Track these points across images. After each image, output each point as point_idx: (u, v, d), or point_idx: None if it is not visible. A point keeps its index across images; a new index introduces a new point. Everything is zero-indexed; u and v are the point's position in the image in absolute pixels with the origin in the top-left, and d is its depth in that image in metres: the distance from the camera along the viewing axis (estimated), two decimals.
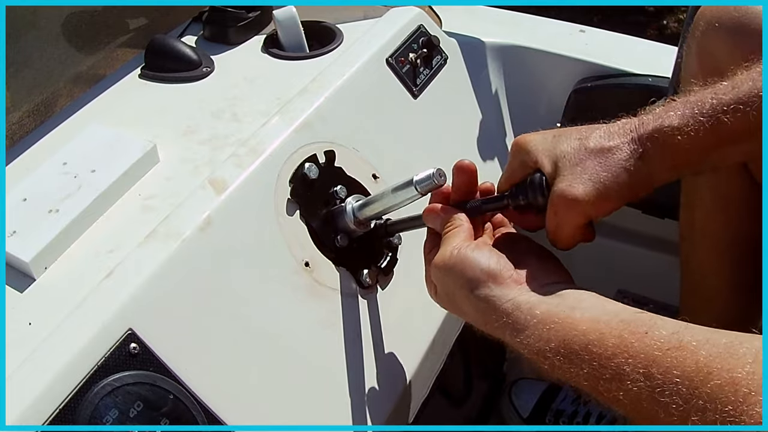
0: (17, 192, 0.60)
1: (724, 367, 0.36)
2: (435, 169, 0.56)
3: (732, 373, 0.35)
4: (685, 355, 0.38)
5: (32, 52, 0.75)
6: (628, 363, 0.40)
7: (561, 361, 0.44)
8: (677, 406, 0.37)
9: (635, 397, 0.39)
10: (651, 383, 0.38)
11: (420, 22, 0.85)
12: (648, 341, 0.40)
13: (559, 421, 1.09)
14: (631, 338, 0.41)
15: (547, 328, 0.45)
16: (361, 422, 0.61)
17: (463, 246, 0.52)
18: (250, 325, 0.57)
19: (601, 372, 0.41)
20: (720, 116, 0.49)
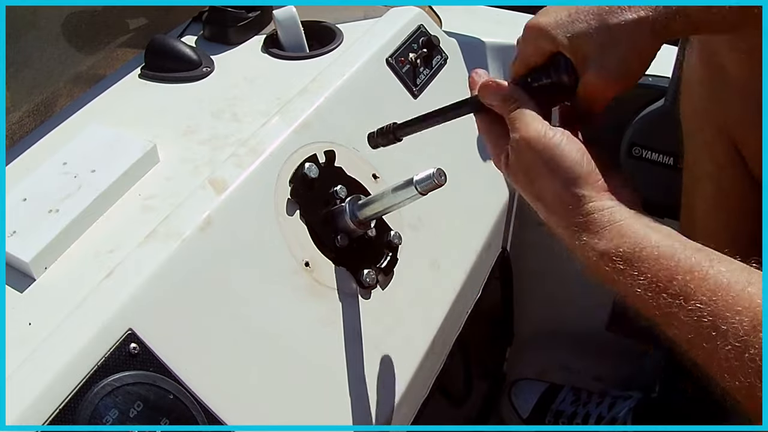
0: (17, 192, 0.60)
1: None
2: (435, 169, 0.56)
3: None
4: (753, 294, 0.40)
5: (32, 52, 0.75)
6: (696, 283, 0.41)
7: (625, 266, 0.44)
8: (736, 337, 0.39)
9: (695, 320, 0.41)
10: (714, 308, 0.40)
11: (420, 22, 0.85)
12: (719, 268, 0.41)
13: (559, 422, 1.09)
14: (704, 261, 0.42)
15: (621, 233, 0.46)
16: (361, 422, 0.61)
17: (558, 132, 0.50)
18: (250, 325, 0.57)
19: (666, 285, 0.42)
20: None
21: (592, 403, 1.08)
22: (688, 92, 0.81)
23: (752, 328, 0.39)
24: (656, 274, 0.43)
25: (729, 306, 0.40)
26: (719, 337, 0.40)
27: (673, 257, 0.43)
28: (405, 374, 0.67)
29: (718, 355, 0.40)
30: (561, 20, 0.52)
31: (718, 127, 0.76)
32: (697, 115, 0.80)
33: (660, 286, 0.42)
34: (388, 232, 0.69)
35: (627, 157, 0.98)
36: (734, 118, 0.74)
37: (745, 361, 0.38)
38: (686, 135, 0.83)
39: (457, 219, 0.81)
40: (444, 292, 0.76)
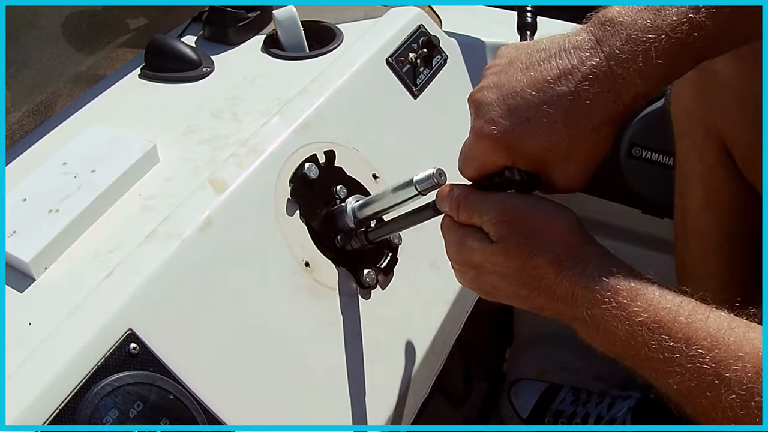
0: (17, 192, 0.60)
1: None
2: (435, 169, 0.56)
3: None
4: (754, 339, 0.39)
5: (32, 52, 0.75)
6: (698, 325, 0.40)
7: (629, 301, 0.42)
8: (740, 385, 0.38)
9: (697, 367, 0.39)
10: (717, 353, 0.39)
11: (420, 22, 0.85)
12: (719, 313, 0.41)
13: (558, 422, 1.09)
14: (703, 308, 0.41)
15: (623, 278, 0.44)
16: (361, 422, 0.61)
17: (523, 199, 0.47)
18: (250, 325, 0.57)
19: (669, 327, 0.41)
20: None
21: (592, 403, 1.08)
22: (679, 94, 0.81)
23: (755, 374, 0.37)
24: (659, 312, 0.41)
25: (731, 352, 0.38)
26: (722, 386, 0.38)
27: (674, 299, 0.42)
28: (405, 374, 0.67)
29: (722, 404, 0.38)
30: (514, 127, 0.46)
31: (708, 129, 0.77)
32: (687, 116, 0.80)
33: (663, 327, 0.41)
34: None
35: (627, 157, 0.98)
36: (724, 120, 0.74)
37: (751, 409, 0.37)
38: (677, 136, 0.83)
39: None
40: (444, 292, 0.76)
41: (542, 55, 0.46)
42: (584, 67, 0.44)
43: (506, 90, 0.46)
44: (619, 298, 0.42)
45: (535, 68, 0.45)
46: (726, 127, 0.75)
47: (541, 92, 0.45)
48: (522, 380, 1.16)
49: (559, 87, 0.44)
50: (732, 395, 0.37)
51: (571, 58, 0.44)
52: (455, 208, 0.51)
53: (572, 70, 0.44)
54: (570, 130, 0.44)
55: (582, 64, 0.44)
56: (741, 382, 0.37)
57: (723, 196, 0.79)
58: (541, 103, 0.44)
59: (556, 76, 0.44)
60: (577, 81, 0.44)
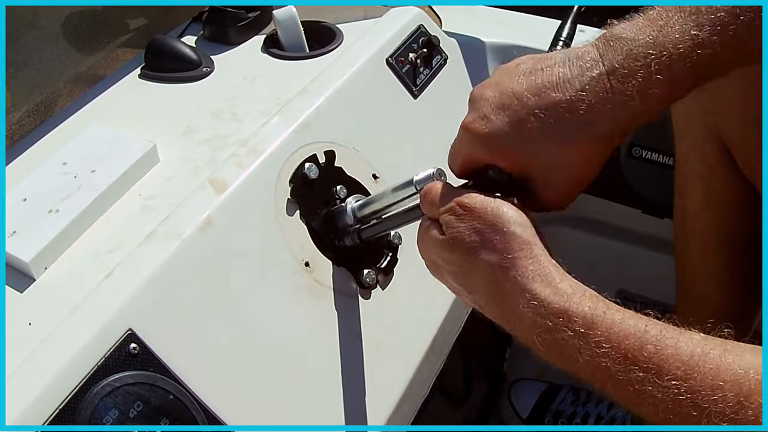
0: (17, 192, 0.60)
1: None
2: (435, 169, 0.56)
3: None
4: (731, 364, 0.35)
5: (32, 52, 0.75)
6: (668, 353, 0.37)
7: (587, 329, 0.39)
8: (722, 416, 0.34)
9: (671, 398, 0.36)
10: (693, 384, 0.35)
11: (420, 22, 0.85)
12: (691, 336, 0.38)
13: (558, 422, 1.09)
14: (671, 331, 0.38)
15: (586, 296, 0.42)
16: (361, 422, 0.61)
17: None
18: (250, 325, 0.57)
19: (635, 356, 0.37)
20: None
21: (592, 403, 1.08)
22: None
23: (738, 404, 0.34)
24: (622, 341, 0.38)
25: (708, 381, 0.35)
26: (702, 417, 0.34)
27: (638, 324, 0.38)
28: (405, 374, 0.67)
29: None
30: (503, 127, 0.45)
31: (708, 128, 0.77)
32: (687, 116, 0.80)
33: (629, 358, 0.37)
34: (388, 232, 0.69)
35: (627, 157, 0.98)
36: (724, 119, 0.74)
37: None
38: (677, 136, 0.83)
39: None
40: (444, 292, 0.75)
41: (547, 62, 0.46)
42: (583, 77, 0.43)
43: (504, 90, 0.46)
44: (575, 326, 0.39)
45: (537, 74, 0.45)
46: (726, 127, 0.75)
47: (536, 96, 0.44)
48: (522, 380, 1.16)
49: (555, 94, 0.44)
50: (715, 426, 0.34)
51: (573, 67, 0.44)
52: (423, 200, 0.51)
53: (571, 79, 0.44)
54: (559, 139, 0.44)
55: (581, 74, 0.44)
56: (723, 413, 0.34)
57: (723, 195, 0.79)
58: (535, 107, 0.44)
59: (554, 83, 0.44)
60: (574, 90, 0.43)
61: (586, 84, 0.43)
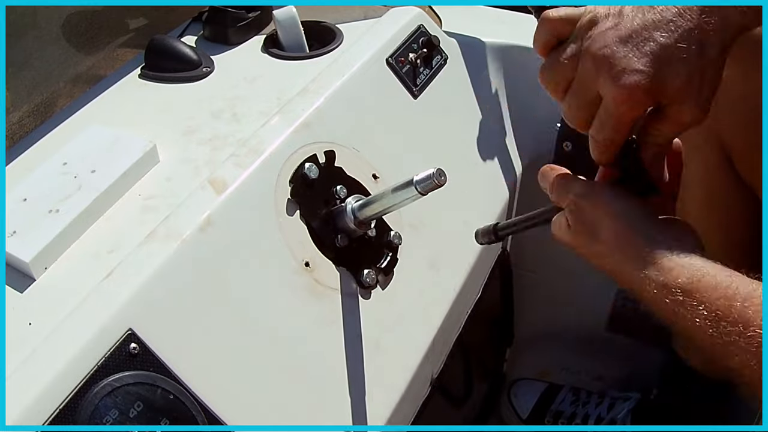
0: (17, 192, 0.60)
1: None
2: (435, 169, 0.56)
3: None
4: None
5: (32, 52, 0.75)
6: (754, 309, 0.41)
7: (684, 297, 0.44)
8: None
9: (755, 347, 0.40)
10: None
11: (420, 22, 0.85)
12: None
13: (558, 423, 1.09)
14: (760, 289, 0.42)
15: (681, 265, 0.45)
16: (361, 422, 0.61)
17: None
18: (250, 325, 0.57)
19: (724, 313, 0.42)
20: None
21: (592, 404, 1.08)
22: None
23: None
24: (714, 302, 0.42)
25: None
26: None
27: (730, 285, 0.42)
28: (405, 374, 0.67)
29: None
30: (658, 70, 0.46)
31: (707, 133, 0.77)
32: None
33: (719, 314, 0.42)
34: (388, 232, 0.69)
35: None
36: (723, 123, 0.74)
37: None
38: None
39: (457, 219, 0.81)
40: (444, 292, 0.76)
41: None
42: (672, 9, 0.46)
43: (636, 40, 0.46)
44: (675, 296, 0.44)
45: (652, 11, 0.47)
46: (725, 130, 0.74)
47: (669, 32, 0.46)
48: (522, 380, 1.16)
49: (682, 22, 0.46)
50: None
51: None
52: (550, 189, 0.55)
53: (687, 8, 0.46)
54: (702, 61, 0.46)
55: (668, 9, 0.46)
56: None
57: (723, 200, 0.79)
58: (675, 42, 0.46)
59: (677, 13, 0.46)
60: (697, 13, 0.45)
61: (703, 7, 0.46)
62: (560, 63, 0.49)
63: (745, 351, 0.40)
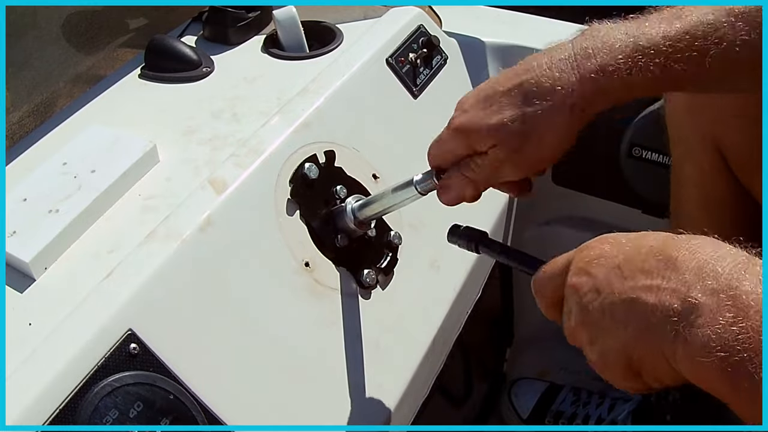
0: (17, 192, 0.60)
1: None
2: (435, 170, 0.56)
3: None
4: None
5: (32, 52, 0.75)
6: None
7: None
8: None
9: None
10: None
11: (420, 22, 0.85)
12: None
13: (559, 423, 1.09)
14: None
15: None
16: (361, 422, 0.61)
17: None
18: (250, 325, 0.57)
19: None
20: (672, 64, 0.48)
21: (592, 404, 1.08)
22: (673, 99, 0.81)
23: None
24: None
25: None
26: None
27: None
28: (405, 374, 0.67)
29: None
30: (479, 117, 0.52)
31: (703, 133, 0.77)
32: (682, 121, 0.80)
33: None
34: (388, 232, 0.69)
35: (627, 157, 0.98)
36: (719, 124, 0.74)
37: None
38: (672, 142, 0.83)
39: (457, 219, 0.81)
40: (444, 292, 0.76)
41: (524, 61, 0.52)
42: (552, 59, 0.50)
43: (476, 93, 0.54)
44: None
45: (512, 69, 0.52)
46: (721, 132, 0.74)
47: (509, 81, 0.51)
48: (522, 380, 1.16)
49: (525, 76, 0.50)
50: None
51: (545, 55, 0.51)
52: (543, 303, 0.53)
53: (540, 63, 0.50)
54: (526, 108, 0.50)
55: (551, 57, 0.50)
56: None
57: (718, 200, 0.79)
58: (507, 88, 0.51)
59: (526, 69, 0.51)
60: (542, 69, 0.50)
61: (553, 63, 0.49)
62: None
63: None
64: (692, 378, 0.36)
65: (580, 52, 0.49)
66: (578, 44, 0.50)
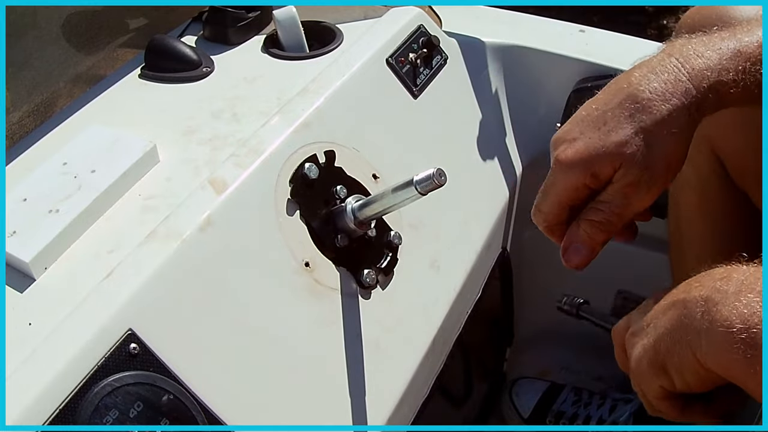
0: (17, 192, 0.60)
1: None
2: (435, 169, 0.56)
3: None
4: None
5: (32, 52, 0.75)
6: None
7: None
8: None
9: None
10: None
11: (420, 22, 0.85)
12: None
13: (560, 423, 1.09)
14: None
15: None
16: (361, 422, 0.61)
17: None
18: (250, 325, 0.57)
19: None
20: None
21: (593, 405, 1.08)
22: None
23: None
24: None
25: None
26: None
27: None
28: (405, 374, 0.67)
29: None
30: (593, 135, 0.49)
31: (700, 137, 0.76)
32: None
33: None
34: (388, 232, 0.69)
35: None
36: (715, 128, 0.74)
37: None
38: None
39: (457, 219, 0.81)
40: (444, 292, 0.76)
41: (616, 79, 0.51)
42: (655, 71, 0.48)
43: (578, 117, 0.50)
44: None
45: (611, 86, 0.51)
46: (718, 136, 0.74)
47: (609, 103, 0.49)
48: (523, 379, 1.16)
49: (625, 91, 0.49)
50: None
51: (642, 67, 0.49)
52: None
53: (644, 75, 0.48)
54: (643, 118, 0.47)
55: (652, 71, 0.48)
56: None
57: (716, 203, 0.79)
58: (611, 110, 0.48)
59: (620, 87, 0.49)
60: (647, 76, 0.48)
61: (657, 69, 0.48)
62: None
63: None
64: (714, 361, 0.38)
65: (682, 56, 0.47)
66: (676, 50, 0.48)
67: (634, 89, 0.48)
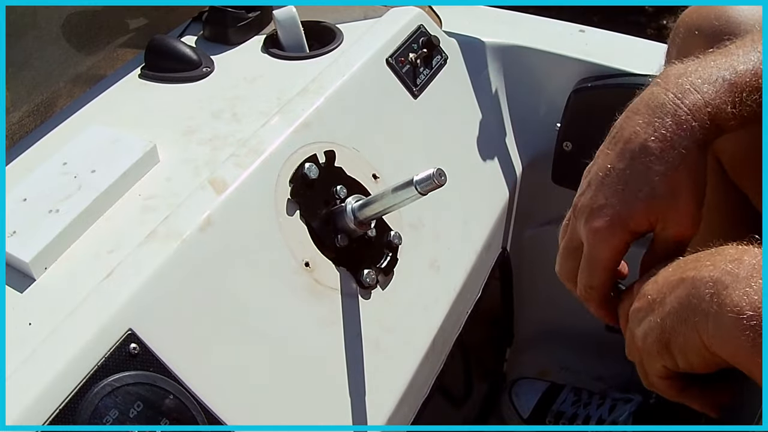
0: (17, 192, 0.60)
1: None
2: (435, 169, 0.56)
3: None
4: None
5: (32, 52, 0.75)
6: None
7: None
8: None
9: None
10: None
11: (420, 22, 0.85)
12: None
13: (560, 423, 1.09)
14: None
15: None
16: (361, 422, 0.61)
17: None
18: (250, 325, 0.57)
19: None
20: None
21: (593, 405, 1.08)
22: None
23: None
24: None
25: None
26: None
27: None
28: (405, 374, 0.67)
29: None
30: (619, 198, 0.48)
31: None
32: None
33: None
34: (388, 232, 0.69)
35: None
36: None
37: None
38: None
39: (457, 219, 0.81)
40: (444, 292, 0.76)
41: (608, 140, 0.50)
42: (654, 117, 0.47)
43: (596, 181, 0.49)
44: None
45: (608, 149, 0.49)
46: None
47: (623, 160, 0.48)
48: (523, 379, 1.16)
49: (634, 143, 0.48)
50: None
51: (630, 118, 0.48)
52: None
53: (643, 124, 0.48)
54: (660, 168, 0.47)
55: (652, 114, 0.48)
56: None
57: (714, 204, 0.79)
58: (627, 167, 0.48)
59: (628, 138, 0.48)
60: (649, 121, 0.47)
61: (655, 112, 0.48)
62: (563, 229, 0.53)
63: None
64: (720, 346, 0.38)
65: (679, 91, 0.47)
66: (671, 84, 0.48)
67: (642, 141, 0.48)
